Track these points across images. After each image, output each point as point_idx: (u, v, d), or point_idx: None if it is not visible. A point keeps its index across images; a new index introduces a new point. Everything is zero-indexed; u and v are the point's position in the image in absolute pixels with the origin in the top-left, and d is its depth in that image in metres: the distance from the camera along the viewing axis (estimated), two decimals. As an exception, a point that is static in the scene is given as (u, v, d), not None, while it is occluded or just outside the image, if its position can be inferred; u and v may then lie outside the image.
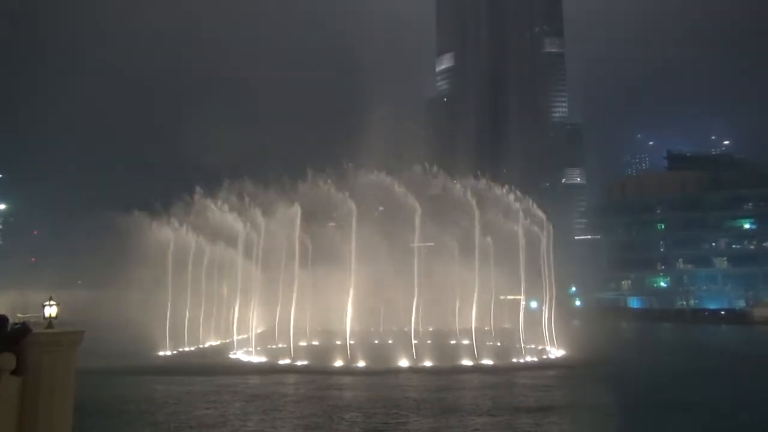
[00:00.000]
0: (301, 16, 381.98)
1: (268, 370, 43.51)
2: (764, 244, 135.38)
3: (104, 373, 36.20)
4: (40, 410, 9.76)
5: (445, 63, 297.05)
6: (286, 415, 27.82)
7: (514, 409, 28.82)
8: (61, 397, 10.09)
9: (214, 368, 44.38)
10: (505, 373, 41.48)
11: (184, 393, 34.20)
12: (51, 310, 11.88)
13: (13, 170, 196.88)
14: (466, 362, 45.43)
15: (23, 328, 10.20)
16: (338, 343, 51.32)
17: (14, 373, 9.73)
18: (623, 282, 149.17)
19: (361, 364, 44.16)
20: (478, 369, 43.44)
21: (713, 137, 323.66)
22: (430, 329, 65.77)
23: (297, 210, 50.89)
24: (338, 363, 44.72)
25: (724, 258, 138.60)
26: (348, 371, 42.55)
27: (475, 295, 50.32)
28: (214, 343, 59.49)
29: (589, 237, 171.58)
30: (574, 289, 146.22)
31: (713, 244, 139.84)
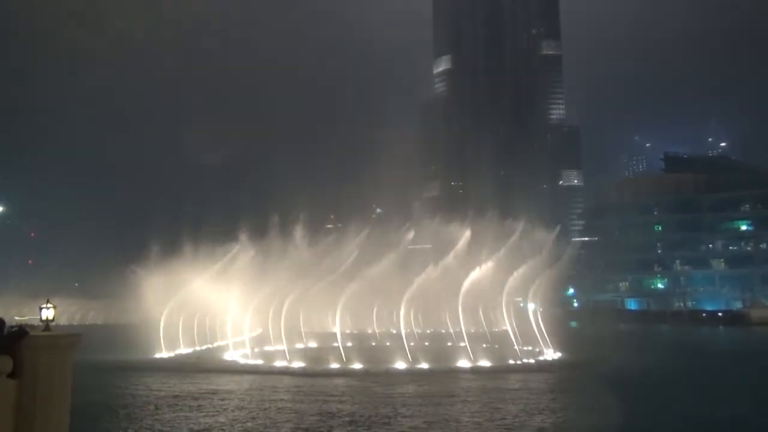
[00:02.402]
0: (299, 18, 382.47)
1: (263, 372, 43.46)
2: (761, 246, 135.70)
3: (100, 372, 36.26)
4: (37, 413, 9.74)
5: (442, 65, 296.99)
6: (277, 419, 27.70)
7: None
8: (58, 400, 10.07)
9: (207, 370, 44.37)
10: (496, 377, 41.19)
11: (172, 395, 34.11)
12: (48, 313, 11.85)
13: (11, 171, 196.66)
14: (463, 364, 45.21)
15: (20, 331, 10.19)
16: (335, 345, 51.19)
17: (11, 376, 9.73)
18: (621, 284, 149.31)
19: (357, 366, 44.12)
20: (473, 371, 43.19)
21: (710, 139, 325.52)
22: (427, 331, 65.55)
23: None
24: (334, 365, 44.69)
25: (721, 260, 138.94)
26: (343, 373, 42.46)
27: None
28: (211, 345, 59.36)
29: (586, 239, 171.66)
30: (571, 290, 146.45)
31: (710, 245, 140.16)
